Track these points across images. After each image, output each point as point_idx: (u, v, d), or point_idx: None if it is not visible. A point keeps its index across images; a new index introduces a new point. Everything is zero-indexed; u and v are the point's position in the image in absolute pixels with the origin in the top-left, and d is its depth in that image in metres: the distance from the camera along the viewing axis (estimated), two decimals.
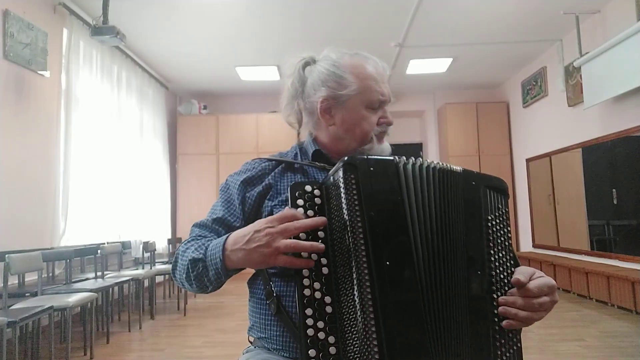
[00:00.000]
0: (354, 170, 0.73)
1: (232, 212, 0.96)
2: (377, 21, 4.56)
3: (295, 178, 0.98)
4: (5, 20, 3.28)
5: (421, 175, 0.78)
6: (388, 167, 0.76)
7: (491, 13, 4.41)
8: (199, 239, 0.92)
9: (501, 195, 0.85)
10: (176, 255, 0.93)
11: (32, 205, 3.52)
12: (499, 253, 0.81)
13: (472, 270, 0.77)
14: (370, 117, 0.98)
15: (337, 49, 1.02)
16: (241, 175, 1.00)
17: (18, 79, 3.41)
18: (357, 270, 0.69)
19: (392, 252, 0.71)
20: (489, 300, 0.77)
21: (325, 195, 0.79)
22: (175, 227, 6.51)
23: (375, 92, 0.96)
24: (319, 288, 0.73)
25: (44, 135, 3.70)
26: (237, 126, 6.61)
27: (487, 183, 0.85)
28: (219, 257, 0.80)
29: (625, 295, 3.78)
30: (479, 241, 0.80)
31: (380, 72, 0.98)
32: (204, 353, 3.00)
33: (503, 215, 0.84)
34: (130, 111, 5.17)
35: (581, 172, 4.89)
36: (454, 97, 6.98)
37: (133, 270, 4.29)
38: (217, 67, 5.79)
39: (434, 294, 0.72)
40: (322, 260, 0.74)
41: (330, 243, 0.75)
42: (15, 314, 2.30)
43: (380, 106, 0.99)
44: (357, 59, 0.98)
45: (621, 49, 3.81)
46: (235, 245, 0.78)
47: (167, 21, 4.44)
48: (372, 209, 0.71)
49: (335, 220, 0.75)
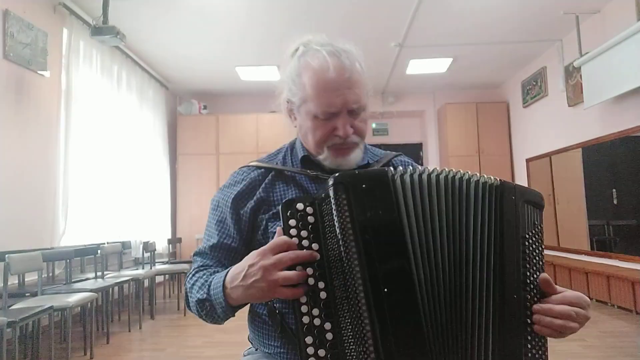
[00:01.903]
0: (344, 190, 0.70)
1: (228, 234, 0.93)
2: (377, 21, 4.56)
3: (287, 190, 0.93)
4: (5, 20, 3.28)
5: (421, 187, 0.74)
6: (382, 183, 0.72)
7: (491, 13, 4.41)
8: (202, 269, 0.90)
9: (537, 210, 0.80)
10: (185, 290, 0.91)
11: (32, 205, 3.52)
12: (534, 274, 0.76)
13: (506, 295, 0.73)
14: (317, 127, 0.89)
15: (322, 39, 0.92)
16: (231, 189, 0.95)
17: (18, 79, 3.41)
18: (354, 300, 0.67)
19: (390, 278, 0.67)
20: (522, 328, 0.73)
21: (319, 213, 0.74)
22: (175, 227, 6.51)
23: (321, 104, 0.86)
24: (318, 314, 0.70)
25: (44, 135, 3.70)
26: (237, 126, 6.61)
27: (526, 197, 0.79)
28: (221, 296, 0.79)
29: (625, 295, 3.78)
30: (515, 263, 0.75)
31: (345, 79, 0.85)
32: (204, 353, 3.00)
33: (539, 233, 0.79)
34: (130, 111, 5.17)
35: (581, 172, 4.89)
36: (454, 97, 6.98)
37: (133, 270, 4.29)
38: (217, 67, 5.79)
39: (441, 318, 0.69)
40: (319, 284, 0.71)
41: (327, 264, 0.72)
42: (15, 314, 2.30)
43: (331, 117, 0.87)
44: (322, 61, 0.86)
45: (621, 49, 3.81)
46: (233, 282, 0.76)
47: (168, 21, 4.44)
48: (366, 232, 0.68)
49: (330, 241, 0.72)
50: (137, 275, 3.93)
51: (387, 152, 1.07)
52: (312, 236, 0.73)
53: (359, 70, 0.88)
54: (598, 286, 4.15)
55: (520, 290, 0.74)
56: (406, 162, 1.06)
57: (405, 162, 1.06)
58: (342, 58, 0.86)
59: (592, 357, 2.72)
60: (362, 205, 0.69)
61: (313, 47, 0.90)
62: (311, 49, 0.90)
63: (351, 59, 0.87)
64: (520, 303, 0.74)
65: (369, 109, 0.93)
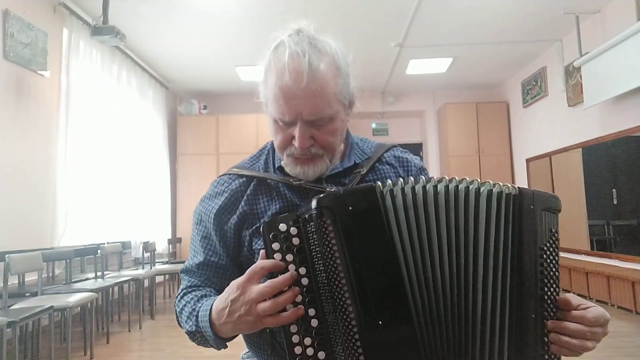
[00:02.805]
0: (330, 215, 0.64)
1: (214, 251, 0.88)
2: (377, 21, 4.56)
3: (271, 202, 0.87)
4: (5, 20, 3.28)
5: (416, 202, 0.68)
6: (370, 202, 0.66)
7: (491, 13, 4.41)
8: (191, 291, 0.86)
9: (554, 215, 0.74)
10: (175, 312, 0.88)
11: (32, 205, 3.52)
12: (552, 288, 0.71)
13: (523, 316, 0.68)
14: (277, 132, 0.82)
15: (306, 32, 0.82)
16: (213, 202, 0.90)
17: (18, 79, 3.41)
18: (346, 332, 0.63)
19: (384, 309, 0.63)
20: (540, 348, 0.69)
21: (304, 233, 0.68)
22: (175, 227, 6.51)
23: (275, 111, 0.79)
24: (311, 344, 0.65)
25: (44, 135, 3.70)
26: (237, 126, 6.61)
27: (545, 205, 0.72)
28: (210, 331, 0.75)
29: (625, 295, 3.78)
30: (533, 280, 0.69)
31: (302, 87, 0.74)
32: (203, 353, 3.00)
33: (556, 241, 0.73)
34: (130, 111, 5.17)
35: (581, 172, 4.89)
36: (454, 97, 6.98)
37: (133, 270, 4.29)
38: (217, 67, 5.79)
39: (442, 346, 0.66)
40: (309, 312, 0.66)
41: (317, 289, 0.67)
42: (15, 314, 2.30)
43: (290, 124, 0.79)
44: (282, 63, 0.77)
45: (621, 49, 3.81)
46: (219, 319, 0.72)
47: (167, 21, 4.44)
48: (356, 261, 0.63)
49: (317, 263, 0.67)
50: (137, 275, 3.93)
51: (380, 144, 0.98)
52: (299, 260, 0.68)
53: (324, 76, 0.76)
54: (598, 286, 4.15)
55: (538, 308, 0.69)
56: (401, 157, 0.97)
57: (400, 157, 0.96)
58: (304, 62, 0.74)
59: (592, 357, 2.71)
60: (349, 232, 0.64)
61: (285, 41, 0.79)
62: (282, 44, 0.79)
63: (317, 62, 0.76)
64: (538, 321, 0.69)
65: (343, 116, 0.84)
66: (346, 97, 0.83)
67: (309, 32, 0.81)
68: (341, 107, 0.82)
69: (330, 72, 0.78)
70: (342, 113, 0.83)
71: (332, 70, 0.78)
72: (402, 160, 0.96)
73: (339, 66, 0.80)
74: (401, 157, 0.97)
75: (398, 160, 0.96)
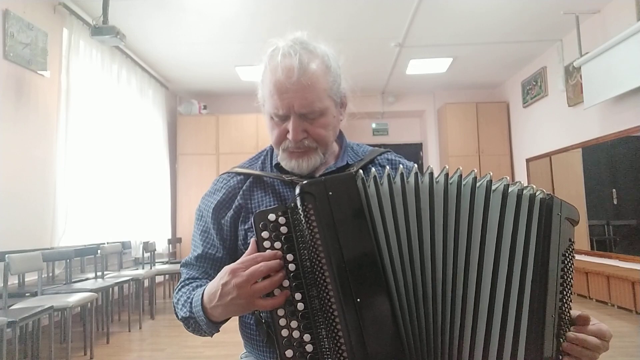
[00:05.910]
0: (311, 200, 0.68)
1: (212, 244, 0.93)
2: (377, 21, 4.56)
3: (265, 196, 0.92)
4: (5, 20, 3.28)
5: (392, 191, 0.71)
6: (349, 188, 0.70)
7: (491, 13, 4.41)
8: (188, 283, 0.91)
9: (571, 225, 0.75)
10: (173, 305, 0.92)
11: (32, 205, 3.52)
12: (568, 294, 0.72)
13: (543, 310, 0.69)
14: (273, 128, 0.89)
15: (300, 37, 0.88)
16: (212, 198, 0.95)
17: (18, 79, 3.41)
18: (327, 313, 0.67)
19: (362, 288, 0.66)
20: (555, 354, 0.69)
21: (291, 222, 0.72)
22: (175, 227, 6.51)
23: (270, 106, 0.86)
24: (297, 326, 0.68)
25: (44, 135, 3.70)
26: (237, 126, 6.61)
27: (568, 214, 0.73)
28: (202, 315, 0.79)
29: (625, 295, 3.78)
30: (554, 292, 0.70)
31: (293, 81, 0.81)
32: (204, 353, 3.00)
33: (572, 252, 0.74)
34: (130, 111, 5.17)
35: (581, 172, 4.89)
36: (454, 97, 6.98)
37: (133, 270, 4.29)
38: (217, 67, 5.79)
39: (419, 321, 0.68)
40: (296, 296, 0.70)
41: (303, 274, 0.70)
42: (15, 314, 2.30)
43: (284, 119, 0.86)
44: (275, 62, 0.84)
45: (621, 49, 3.81)
46: (211, 303, 0.76)
47: (167, 21, 4.44)
48: (335, 242, 0.67)
49: (303, 250, 0.71)
50: (137, 275, 3.93)
51: (374, 149, 1.02)
52: (286, 247, 0.71)
53: (314, 72, 0.82)
54: (598, 286, 4.15)
55: (557, 310, 0.70)
56: (394, 160, 1.00)
57: (393, 160, 1.00)
58: (294, 59, 0.81)
59: None
60: (329, 214, 0.68)
61: (280, 46, 0.86)
62: (277, 49, 0.86)
63: (307, 60, 0.82)
64: (555, 322, 0.70)
65: (335, 113, 0.89)
66: (337, 95, 0.89)
67: (302, 39, 0.87)
68: (332, 104, 0.88)
69: (320, 69, 0.84)
70: (333, 109, 0.88)
71: (322, 68, 0.85)
72: (394, 163, 0.99)
73: (329, 65, 0.86)
74: (394, 160, 1.00)
75: (390, 162, 1.00)
